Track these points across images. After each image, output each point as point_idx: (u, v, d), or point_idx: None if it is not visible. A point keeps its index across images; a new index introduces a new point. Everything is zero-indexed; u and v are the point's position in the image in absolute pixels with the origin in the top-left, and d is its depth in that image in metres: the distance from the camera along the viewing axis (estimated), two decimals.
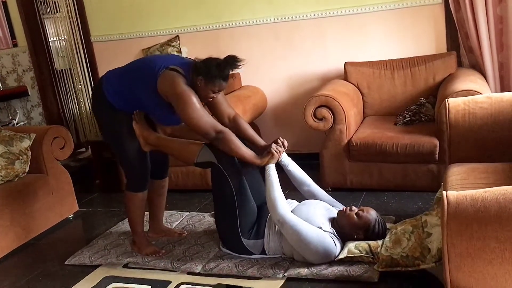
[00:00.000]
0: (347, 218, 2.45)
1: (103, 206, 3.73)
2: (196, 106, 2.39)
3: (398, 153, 3.10)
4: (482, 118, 2.46)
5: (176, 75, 2.41)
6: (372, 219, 2.43)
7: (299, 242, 2.39)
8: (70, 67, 4.67)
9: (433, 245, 2.18)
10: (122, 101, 2.55)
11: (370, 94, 3.68)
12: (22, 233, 3.11)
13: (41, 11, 4.67)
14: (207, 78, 2.41)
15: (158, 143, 2.62)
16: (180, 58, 2.67)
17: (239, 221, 2.52)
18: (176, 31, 4.23)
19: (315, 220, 2.45)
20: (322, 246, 2.36)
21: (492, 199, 1.49)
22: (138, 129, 2.59)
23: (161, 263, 2.64)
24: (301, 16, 3.87)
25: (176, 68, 2.44)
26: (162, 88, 2.42)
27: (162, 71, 2.43)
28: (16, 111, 4.94)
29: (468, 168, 2.33)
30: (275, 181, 2.51)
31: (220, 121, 2.67)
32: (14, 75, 4.88)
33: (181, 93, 2.38)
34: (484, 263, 1.53)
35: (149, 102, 2.51)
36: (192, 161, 2.58)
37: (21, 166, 3.22)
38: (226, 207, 2.55)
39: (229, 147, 2.46)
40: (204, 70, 2.41)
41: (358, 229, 2.43)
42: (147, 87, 2.46)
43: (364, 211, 2.45)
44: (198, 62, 2.46)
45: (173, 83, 2.40)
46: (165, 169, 2.92)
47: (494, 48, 3.38)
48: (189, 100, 2.38)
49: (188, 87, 2.41)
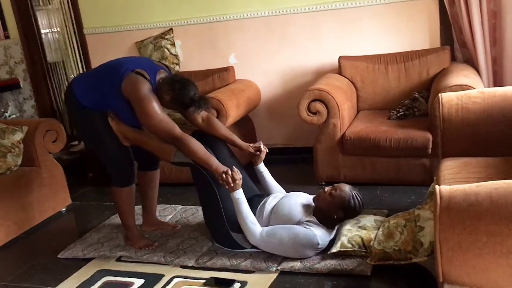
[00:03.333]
0: (322, 200, 2.47)
1: (96, 200, 3.72)
2: (155, 112, 2.41)
3: (392, 147, 3.11)
4: (475, 113, 2.47)
5: (139, 79, 2.43)
6: (346, 195, 2.43)
7: (280, 252, 2.45)
8: (63, 59, 4.65)
9: (426, 238, 2.20)
10: (92, 101, 2.55)
11: (364, 88, 3.68)
12: (14, 226, 3.10)
13: (33, 2, 4.64)
14: (176, 99, 2.47)
15: (136, 138, 2.62)
16: (148, 62, 2.67)
17: (225, 214, 2.54)
18: (170, 24, 4.20)
19: (295, 213, 2.49)
20: (299, 244, 2.39)
21: (485, 193, 1.50)
22: (115, 125, 2.59)
23: (154, 257, 2.64)
24: (295, 10, 3.86)
25: (141, 72, 2.46)
26: (126, 90, 2.44)
27: (127, 74, 2.44)
28: (8, 103, 4.90)
29: (461, 163, 2.34)
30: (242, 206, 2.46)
31: (194, 122, 2.72)
32: (6, 67, 4.83)
33: (141, 97, 2.40)
34: (475, 257, 1.54)
35: (115, 104, 2.52)
36: (169, 160, 2.59)
37: (13, 159, 3.20)
38: (212, 204, 2.58)
39: (186, 152, 2.48)
40: (179, 92, 2.45)
41: (335, 208, 2.43)
42: (113, 89, 2.47)
43: (336, 189, 2.45)
44: (178, 80, 2.49)
45: (135, 86, 2.41)
46: (155, 161, 2.91)
47: (488, 43, 3.39)
48: (148, 105, 2.40)
49: (150, 92, 2.43)
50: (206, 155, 2.48)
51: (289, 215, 2.48)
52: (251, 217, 2.47)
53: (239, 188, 2.46)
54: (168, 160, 2.61)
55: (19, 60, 4.77)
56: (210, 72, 3.98)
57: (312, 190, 2.70)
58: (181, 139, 2.45)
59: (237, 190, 2.46)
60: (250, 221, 2.46)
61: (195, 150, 2.46)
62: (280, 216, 2.50)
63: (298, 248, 2.40)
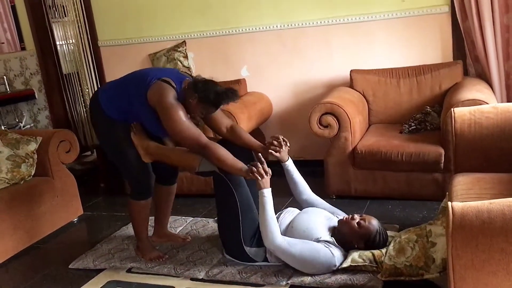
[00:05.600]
0: (348, 227, 2.44)
1: (107, 210, 3.74)
2: (181, 119, 2.39)
3: (403, 161, 3.10)
4: (488, 128, 2.45)
5: (166, 87, 2.43)
6: (374, 229, 2.41)
7: (295, 263, 2.42)
8: (78, 71, 4.71)
9: (438, 255, 2.18)
10: (118, 111, 2.55)
11: (376, 102, 3.68)
12: (26, 236, 3.12)
13: (49, 15, 4.72)
14: (202, 99, 2.43)
15: (158, 153, 2.61)
16: (176, 73, 2.67)
17: (242, 230, 2.52)
18: (183, 37, 4.25)
19: (314, 230, 2.45)
20: (318, 261, 2.36)
21: (498, 210, 1.49)
22: (137, 140, 2.58)
23: (165, 269, 2.65)
24: (307, 23, 3.88)
25: (168, 80, 2.46)
26: (152, 98, 2.43)
27: (153, 82, 2.45)
28: (23, 114, 4.98)
29: (474, 178, 2.32)
30: (269, 205, 2.43)
31: (218, 131, 2.70)
32: (22, 78, 4.91)
33: (167, 106, 2.39)
34: (488, 275, 1.52)
35: (141, 112, 2.51)
36: (194, 170, 2.56)
37: (27, 169, 3.23)
38: (230, 216, 2.55)
39: (214, 160, 2.43)
40: (202, 91, 2.43)
41: (358, 239, 2.41)
42: (139, 97, 2.47)
43: (365, 220, 2.43)
44: (199, 81, 2.48)
45: (161, 94, 2.41)
46: (174, 176, 2.91)
47: (501, 58, 3.38)
48: (174, 112, 2.38)
49: (176, 101, 2.42)
50: (234, 161, 2.42)
51: (308, 231, 2.45)
52: (275, 220, 2.43)
53: (268, 186, 2.43)
54: (193, 170, 2.57)
55: (35, 71, 4.84)
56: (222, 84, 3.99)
57: None
58: (208, 146, 2.43)
59: (267, 188, 2.42)
60: (274, 223, 2.42)
61: (223, 157, 2.41)
62: (298, 231, 2.48)
63: (316, 265, 2.37)
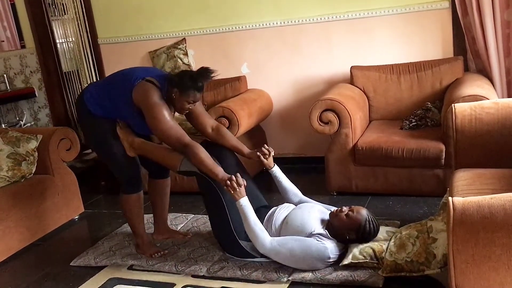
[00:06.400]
0: (337, 219, 2.45)
1: (108, 208, 3.74)
2: (165, 118, 2.45)
3: (404, 157, 3.09)
4: (489, 124, 2.45)
5: (150, 87, 2.49)
6: (362, 219, 2.41)
7: (289, 262, 2.44)
8: (78, 68, 4.71)
9: (439, 250, 2.17)
10: (103, 110, 2.61)
11: (376, 98, 3.67)
12: (27, 234, 3.12)
13: (49, 13, 4.71)
14: (181, 89, 2.50)
15: (142, 148, 2.66)
16: (158, 71, 2.74)
17: (232, 222, 2.54)
18: (183, 34, 4.24)
19: (308, 225, 2.47)
20: (310, 256, 2.38)
21: (499, 205, 1.49)
22: (122, 134, 2.64)
23: (166, 266, 2.65)
24: (307, 20, 3.87)
25: (152, 80, 2.52)
26: (136, 98, 2.49)
27: (138, 82, 2.50)
28: (23, 112, 4.98)
29: (474, 174, 2.32)
30: (249, 212, 2.45)
31: (203, 131, 2.74)
32: (22, 77, 4.91)
33: (152, 104, 2.45)
34: (489, 270, 1.52)
35: (126, 111, 2.57)
36: (175, 169, 2.60)
37: (27, 167, 3.24)
38: (219, 214, 2.58)
39: (194, 161, 2.48)
40: (178, 81, 2.50)
41: (349, 230, 2.42)
42: (124, 97, 2.52)
43: (354, 211, 2.44)
44: (172, 74, 2.57)
45: (146, 94, 2.47)
46: (165, 170, 2.92)
47: (502, 53, 3.37)
48: (158, 111, 2.44)
49: (160, 99, 2.48)
50: (212, 165, 2.48)
51: (302, 226, 2.46)
52: (259, 224, 2.46)
53: (243, 195, 2.45)
54: (174, 169, 2.62)
55: (35, 69, 4.84)
56: (222, 81, 4.00)
57: (323, 200, 2.69)
58: (190, 146, 2.47)
59: (242, 198, 2.45)
60: (258, 228, 2.45)
61: (202, 159, 2.47)
62: (292, 227, 2.49)
63: (309, 260, 2.39)
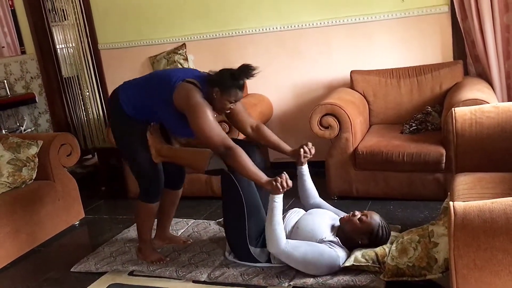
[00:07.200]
0: (350, 224, 2.45)
1: (109, 213, 3.74)
2: (208, 119, 2.39)
3: (404, 161, 3.09)
4: (489, 128, 2.45)
5: (191, 88, 2.43)
6: (376, 223, 2.42)
7: (298, 265, 2.42)
8: (78, 74, 4.71)
9: (440, 255, 2.17)
10: (138, 111, 2.56)
11: (376, 103, 3.68)
12: (28, 239, 3.12)
13: (49, 18, 4.72)
14: (222, 88, 2.43)
15: (169, 155, 2.62)
16: (196, 72, 2.66)
17: (248, 230, 2.52)
18: (183, 39, 4.25)
19: (319, 231, 2.46)
20: (321, 263, 2.37)
21: (500, 210, 1.49)
22: (151, 140, 2.60)
23: (167, 272, 2.64)
24: (307, 25, 3.88)
25: (192, 81, 2.47)
26: (178, 100, 2.43)
27: (178, 83, 2.45)
28: (24, 118, 4.98)
29: (475, 178, 2.31)
30: (278, 211, 2.42)
31: (243, 131, 2.71)
32: (22, 82, 4.92)
33: (194, 105, 2.39)
34: (491, 275, 1.51)
35: (165, 114, 2.52)
36: (203, 168, 2.56)
37: (28, 173, 3.23)
38: (236, 215, 2.54)
39: (236, 165, 2.40)
40: (219, 81, 2.43)
41: (361, 234, 2.42)
42: (163, 98, 2.47)
43: (367, 216, 2.44)
44: (212, 74, 2.49)
45: (188, 95, 2.41)
46: (181, 180, 2.92)
47: (501, 57, 3.38)
48: (202, 112, 2.38)
49: (203, 100, 2.42)
50: (255, 169, 2.40)
51: (312, 232, 2.45)
52: (282, 225, 2.43)
53: (281, 193, 2.41)
54: (202, 169, 2.56)
55: (35, 75, 4.85)
56: None
57: None
58: (233, 149, 2.39)
59: (279, 195, 2.41)
60: (280, 228, 2.41)
61: (245, 162, 2.38)
62: (303, 232, 2.48)
63: (320, 266, 2.38)
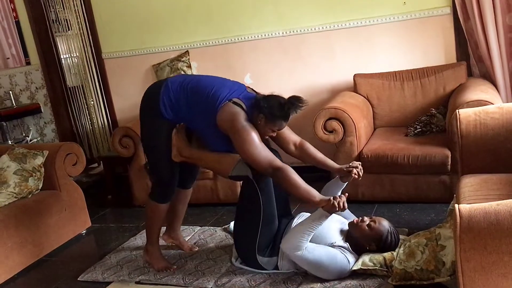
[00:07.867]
0: (358, 230, 2.43)
1: (115, 222, 3.75)
2: (254, 142, 2.35)
3: (410, 164, 3.08)
4: (494, 129, 2.44)
5: (237, 111, 2.39)
6: (385, 230, 2.40)
7: (310, 268, 2.41)
8: (82, 83, 4.74)
9: (448, 258, 2.16)
10: (175, 115, 2.53)
11: (380, 106, 3.67)
12: (35, 249, 3.13)
13: (53, 29, 4.76)
14: (269, 117, 2.40)
15: (191, 156, 2.59)
16: (243, 88, 2.57)
17: (259, 239, 2.50)
18: (186, 47, 4.27)
19: (328, 235, 2.45)
20: (334, 267, 2.36)
21: (505, 212, 1.48)
22: (175, 140, 2.58)
23: (173, 279, 2.64)
24: (308, 29, 3.89)
25: (238, 102, 2.43)
26: (221, 121, 2.40)
27: (224, 103, 2.41)
28: (29, 128, 5.01)
29: (481, 180, 2.30)
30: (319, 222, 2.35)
31: (286, 148, 2.67)
32: (27, 93, 4.95)
33: (241, 129, 2.35)
34: (498, 277, 1.51)
35: (204, 130, 2.50)
36: (227, 173, 2.53)
37: (34, 183, 3.25)
38: (250, 222, 2.51)
39: (286, 185, 2.34)
40: (266, 109, 2.39)
41: (370, 241, 2.41)
42: (207, 116, 2.44)
43: (376, 222, 2.43)
44: (261, 99, 2.43)
45: (233, 118, 2.38)
46: (192, 180, 2.90)
47: (505, 57, 3.36)
48: (248, 136, 2.35)
49: (248, 123, 2.39)
50: (308, 187, 2.33)
51: (322, 236, 2.44)
52: (311, 235, 2.38)
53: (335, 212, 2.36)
54: (226, 174, 2.54)
55: (40, 85, 4.88)
56: None
57: None
58: (282, 169, 2.33)
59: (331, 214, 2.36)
60: (308, 237, 2.37)
61: (296, 182, 2.32)
62: (312, 237, 2.46)
63: (331, 271, 2.36)
